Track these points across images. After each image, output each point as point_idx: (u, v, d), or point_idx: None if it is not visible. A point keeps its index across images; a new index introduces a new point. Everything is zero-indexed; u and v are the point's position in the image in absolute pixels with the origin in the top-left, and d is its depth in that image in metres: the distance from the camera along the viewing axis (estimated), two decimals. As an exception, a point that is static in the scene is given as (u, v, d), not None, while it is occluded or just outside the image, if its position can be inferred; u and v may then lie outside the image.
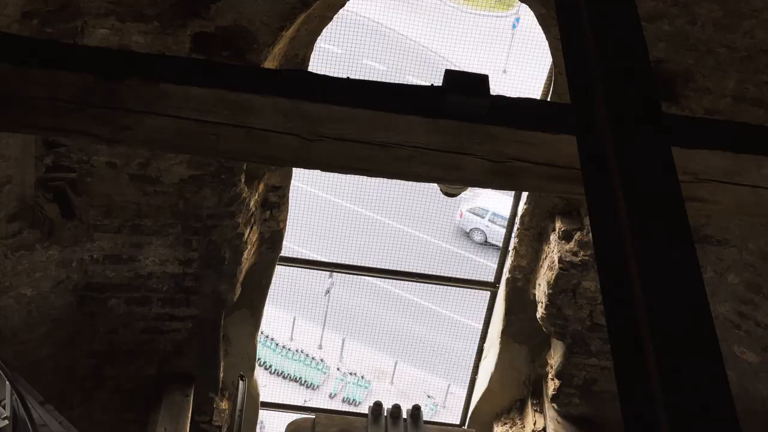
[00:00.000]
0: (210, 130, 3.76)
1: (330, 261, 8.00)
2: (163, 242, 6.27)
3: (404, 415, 5.92)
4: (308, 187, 19.45)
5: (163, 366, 6.83)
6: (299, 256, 8.67)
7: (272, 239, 6.85)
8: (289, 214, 6.91)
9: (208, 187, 6.09)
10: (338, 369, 23.72)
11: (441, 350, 22.83)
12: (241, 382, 5.86)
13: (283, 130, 3.75)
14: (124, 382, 6.84)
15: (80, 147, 5.74)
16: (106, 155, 5.82)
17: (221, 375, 7.06)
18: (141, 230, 6.20)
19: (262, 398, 8.55)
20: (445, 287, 18.83)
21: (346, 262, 8.04)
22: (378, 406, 5.93)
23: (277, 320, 22.57)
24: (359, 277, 23.39)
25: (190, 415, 6.71)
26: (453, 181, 4.31)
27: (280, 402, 9.44)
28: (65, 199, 5.88)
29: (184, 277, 6.46)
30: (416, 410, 5.94)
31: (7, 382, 4.95)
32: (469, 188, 5.76)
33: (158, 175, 5.98)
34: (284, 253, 7.19)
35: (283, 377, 23.44)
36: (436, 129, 3.71)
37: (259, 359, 7.90)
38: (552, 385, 7.19)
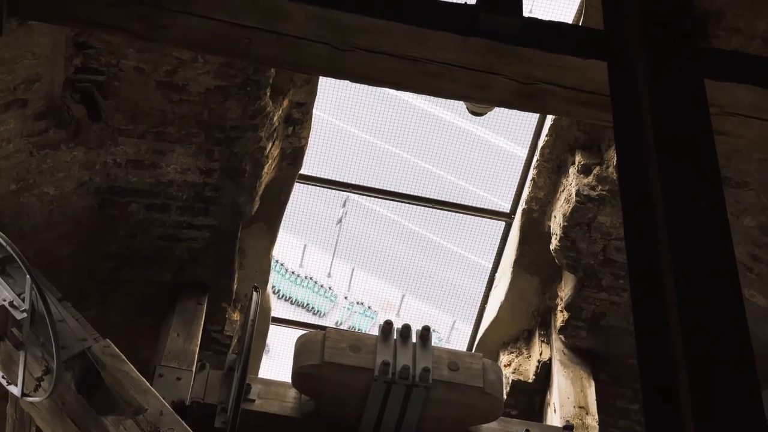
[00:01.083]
0: (242, 34, 3.80)
1: (347, 182, 8.03)
2: (186, 151, 6.33)
3: (414, 337, 6.00)
4: (328, 116, 19.43)
5: (179, 274, 6.93)
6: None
7: (293, 155, 6.90)
8: (310, 135, 6.95)
9: (233, 98, 6.13)
10: (346, 298, 23.88)
11: (449, 286, 22.94)
12: (254, 293, 5.93)
13: (315, 38, 3.79)
14: (139, 287, 6.95)
15: (109, 50, 5.78)
16: (134, 60, 5.86)
17: (235, 286, 7.16)
18: (164, 137, 6.25)
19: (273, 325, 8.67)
20: (459, 219, 18.87)
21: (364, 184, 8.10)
22: (388, 324, 6.00)
23: (288, 246, 22.68)
24: (372, 208, 23.51)
25: (202, 323, 6.82)
26: (480, 101, 4.35)
27: (290, 318, 9.57)
28: (92, 101, 5.93)
29: (204, 187, 6.53)
30: (426, 332, 6.01)
31: (28, 276, 5.02)
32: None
33: (185, 83, 6.02)
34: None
35: (291, 302, 23.63)
36: (466, 47, 3.74)
37: (268, 282, 8.01)
38: (560, 317, 7.27)
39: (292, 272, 23.72)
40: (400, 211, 22.89)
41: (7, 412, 6.11)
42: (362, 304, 23.75)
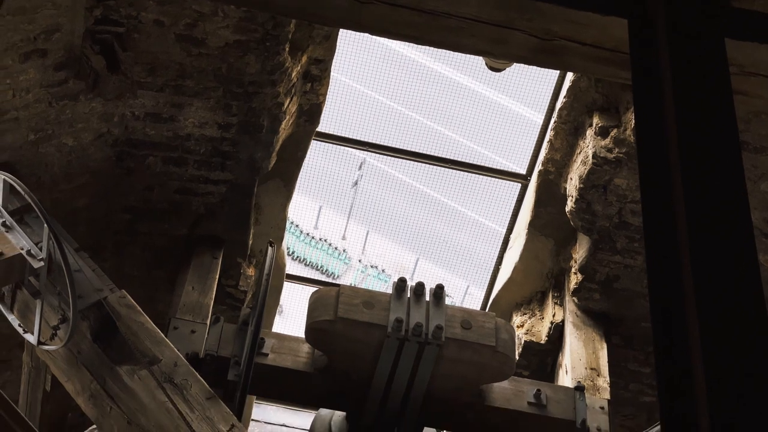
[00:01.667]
0: (263, -16, 3.80)
1: (364, 140, 8.04)
2: (204, 105, 6.34)
3: (427, 295, 6.02)
4: (345, 78, 19.40)
5: (195, 228, 6.96)
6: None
7: (311, 112, 6.90)
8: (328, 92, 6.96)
9: (252, 53, 6.13)
10: (360, 261, 23.94)
11: (463, 251, 22.97)
12: (270, 248, 5.95)
13: (335, -10, 3.78)
14: (155, 240, 6.98)
15: (129, 2, 5.78)
16: (154, 12, 5.86)
17: (250, 242, 7.19)
18: (183, 91, 6.26)
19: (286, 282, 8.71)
20: (474, 183, 18.86)
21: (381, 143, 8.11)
22: (402, 282, 6.02)
23: (304, 208, 22.73)
24: (388, 171, 23.52)
25: (217, 277, 6.85)
26: (499, 56, 4.33)
27: (304, 276, 9.61)
28: (112, 53, 5.94)
29: (222, 142, 6.54)
30: (439, 290, 6.03)
31: (46, 225, 5.06)
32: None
33: (204, 37, 6.02)
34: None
35: (305, 264, 23.70)
36: (486, 1, 3.73)
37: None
38: (574, 279, 7.28)
39: (307, 234, 23.78)
40: (416, 175, 22.90)
41: (23, 360, 6.17)
42: (376, 267, 23.81)
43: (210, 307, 6.53)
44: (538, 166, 7.35)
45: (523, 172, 7.85)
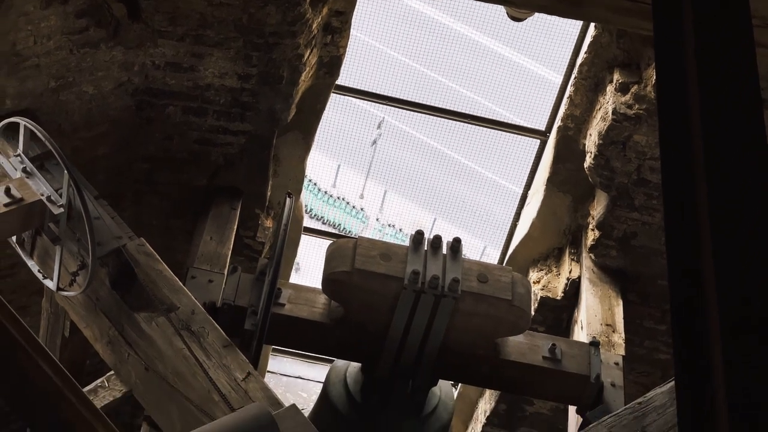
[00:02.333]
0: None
1: (384, 94, 8.03)
2: (224, 55, 6.34)
3: (444, 248, 6.03)
4: (364, 36, 19.34)
5: (213, 178, 6.98)
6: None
7: (330, 64, 6.90)
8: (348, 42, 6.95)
9: (273, 4, 6.12)
10: (377, 220, 23.94)
11: (480, 212, 22.95)
12: (288, 198, 5.97)
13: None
14: (174, 190, 7.01)
15: (151, -50, 5.79)
16: (175, -39, 5.86)
17: (269, 193, 7.21)
18: (203, 41, 6.26)
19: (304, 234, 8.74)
20: (493, 143, 18.80)
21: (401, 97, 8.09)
22: (419, 234, 6.03)
23: (322, 166, 22.71)
24: (406, 131, 23.48)
25: (235, 228, 6.88)
26: (520, 5, 4.34)
27: (322, 229, 9.65)
28: (133, 1, 5.95)
29: (241, 92, 6.55)
30: (456, 243, 6.03)
31: (66, 172, 5.07)
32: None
33: (225, -14, 6.02)
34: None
35: (323, 222, 23.72)
36: (509, -50, 3.73)
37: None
38: (591, 236, 7.28)
39: (325, 192, 23.79)
40: (435, 135, 22.86)
41: (42, 306, 6.22)
42: (393, 226, 23.81)
43: (228, 257, 6.57)
44: (558, 122, 7.33)
45: (542, 129, 7.84)
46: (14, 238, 5.51)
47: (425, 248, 6.03)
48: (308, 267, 18.13)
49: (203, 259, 6.47)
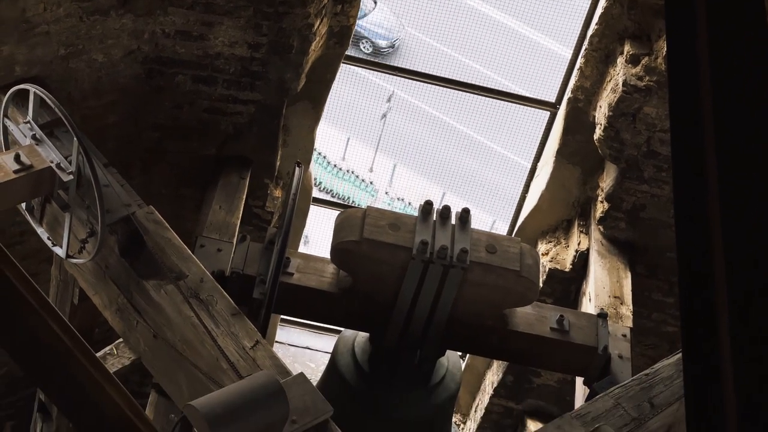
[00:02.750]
0: None
1: (393, 65, 8.00)
2: (234, 24, 6.33)
3: (453, 219, 6.02)
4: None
5: (223, 147, 6.98)
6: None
7: (341, 34, 6.88)
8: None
9: (283, -28, 6.11)
10: (386, 193, 23.91)
11: (490, 186, 22.93)
12: (297, 168, 5.96)
13: None
14: (183, 159, 7.01)
15: None
16: (186, -72, 5.85)
17: (278, 163, 7.21)
18: (213, 9, 6.25)
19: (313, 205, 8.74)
20: (503, 117, 18.75)
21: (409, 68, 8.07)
22: (428, 204, 6.02)
23: (331, 139, 22.69)
24: (416, 104, 23.44)
25: (244, 198, 6.88)
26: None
27: (331, 200, 9.65)
28: (142, -32, 5.94)
29: (251, 62, 6.54)
30: (465, 213, 6.03)
31: (75, 140, 5.07)
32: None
33: (235, -46, 6.00)
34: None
35: (332, 195, 23.70)
36: None
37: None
38: (600, 208, 7.27)
39: (334, 165, 23.77)
40: (444, 108, 22.82)
41: (51, 274, 6.24)
42: (402, 200, 23.78)
43: (237, 226, 6.57)
44: (568, 94, 7.31)
45: (552, 100, 7.82)
46: (24, 205, 5.52)
47: (434, 218, 6.02)
48: (317, 240, 18.14)
49: (212, 228, 6.47)
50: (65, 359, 2.20)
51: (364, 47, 23.74)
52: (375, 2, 24.42)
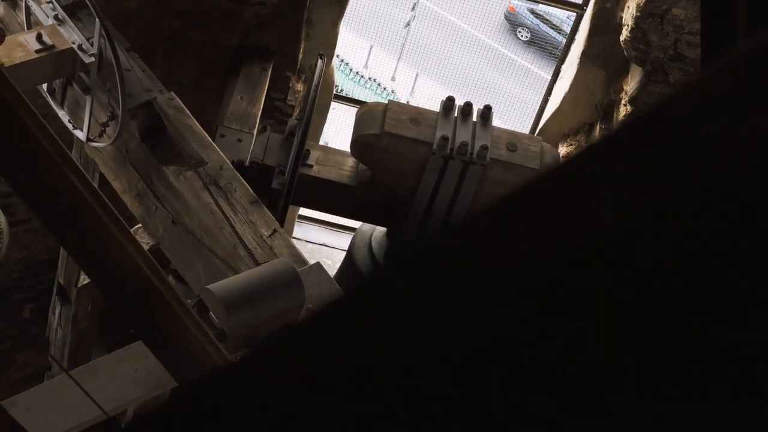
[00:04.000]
0: None
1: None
2: None
3: (474, 116, 5.99)
4: None
5: (246, 38, 6.92)
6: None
7: (367, -74, 6.80)
8: None
9: None
10: (408, 102, 23.82)
11: (512, 99, 22.79)
12: (319, 60, 5.92)
13: None
14: (205, 49, 6.96)
15: None
16: None
17: (300, 56, 7.16)
18: None
19: (331, 120, 8.67)
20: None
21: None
22: (450, 100, 5.99)
23: (354, 47, 22.53)
24: (440, 14, 23.21)
25: (266, 89, 6.84)
26: None
27: (352, 97, 9.59)
28: None
29: (276, -49, 6.47)
30: (487, 110, 5.99)
31: (97, 21, 5.03)
32: None
33: None
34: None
35: (354, 103, 23.62)
36: None
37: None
38: (624, 111, 7.22)
39: (356, 72, 23.64)
40: (469, 18, 22.62)
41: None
42: (424, 109, 23.68)
43: (257, 117, 6.54)
44: (596, -5, 7.22)
45: (580, 1, 7.71)
46: (45, 87, 5.50)
47: (455, 115, 5.99)
48: (337, 144, 18.11)
49: (233, 118, 6.45)
50: (83, 211, 2.21)
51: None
52: None
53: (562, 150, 7.71)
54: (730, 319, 0.58)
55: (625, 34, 6.85)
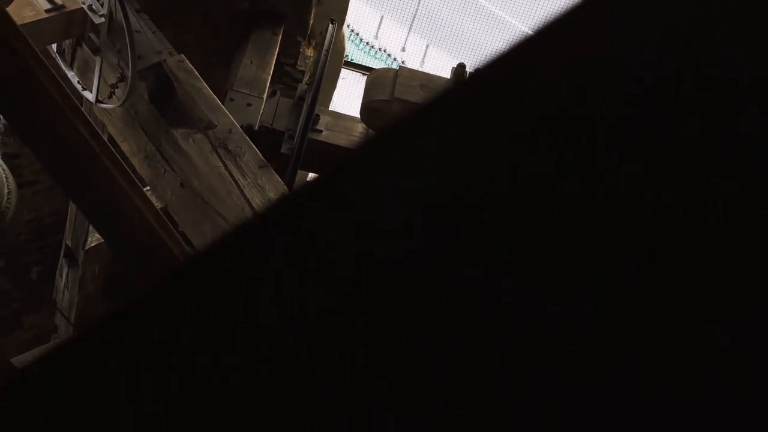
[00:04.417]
0: None
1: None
2: None
3: (485, 83, 5.96)
4: None
5: (256, 2, 6.87)
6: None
7: None
8: None
9: None
10: (418, 72, 23.74)
11: (522, 72, 22.79)
12: (330, 25, 5.89)
13: None
14: (215, 13, 6.91)
15: None
16: None
17: (311, 21, 7.11)
18: None
19: (341, 90, 8.62)
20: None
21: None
22: (461, 66, 5.96)
23: (365, 16, 22.49)
24: (452, -16, 23.11)
25: (276, 54, 6.80)
26: None
27: (363, 64, 9.57)
28: None
29: None
30: (498, 78, 5.97)
31: (107, -19, 5.01)
32: None
33: None
34: None
35: (363, 74, 23.56)
36: None
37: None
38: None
39: (367, 43, 23.59)
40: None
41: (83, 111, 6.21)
42: (433, 81, 23.62)
43: (267, 82, 6.50)
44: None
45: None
46: (54, 47, 5.48)
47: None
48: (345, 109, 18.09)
49: (242, 82, 6.41)
50: (92, 165, 2.19)
51: None
52: None
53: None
54: (729, 318, 0.58)
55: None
